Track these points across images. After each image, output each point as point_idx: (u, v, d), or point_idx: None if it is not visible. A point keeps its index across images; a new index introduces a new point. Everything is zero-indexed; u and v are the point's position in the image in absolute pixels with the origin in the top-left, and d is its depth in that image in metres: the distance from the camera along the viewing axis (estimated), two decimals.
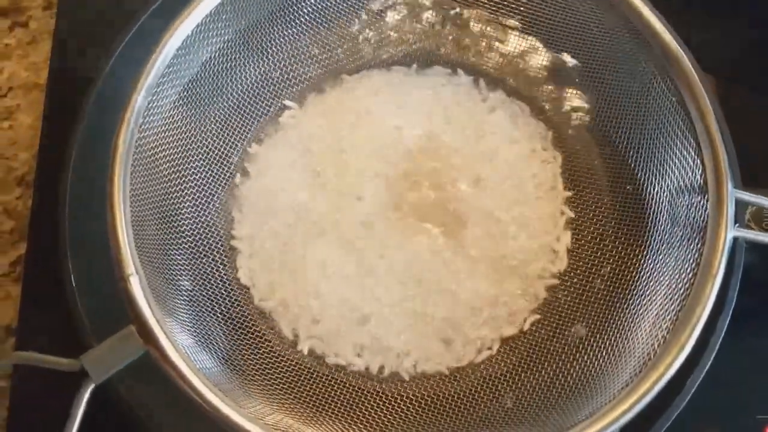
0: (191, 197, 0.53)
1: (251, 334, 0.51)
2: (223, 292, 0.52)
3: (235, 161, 0.56)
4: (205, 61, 0.53)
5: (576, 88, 0.58)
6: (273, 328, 0.52)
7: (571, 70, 0.57)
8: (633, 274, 0.50)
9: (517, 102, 0.58)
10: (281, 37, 0.57)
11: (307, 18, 0.57)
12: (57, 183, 0.52)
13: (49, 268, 0.50)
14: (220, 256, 0.53)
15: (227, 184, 0.55)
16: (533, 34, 0.58)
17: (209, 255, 0.53)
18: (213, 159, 0.55)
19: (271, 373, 0.49)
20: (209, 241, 0.53)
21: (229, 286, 0.52)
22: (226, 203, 0.55)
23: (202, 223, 0.53)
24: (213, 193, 0.54)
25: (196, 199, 0.53)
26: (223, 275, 0.53)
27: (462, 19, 0.60)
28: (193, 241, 0.52)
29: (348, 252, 0.53)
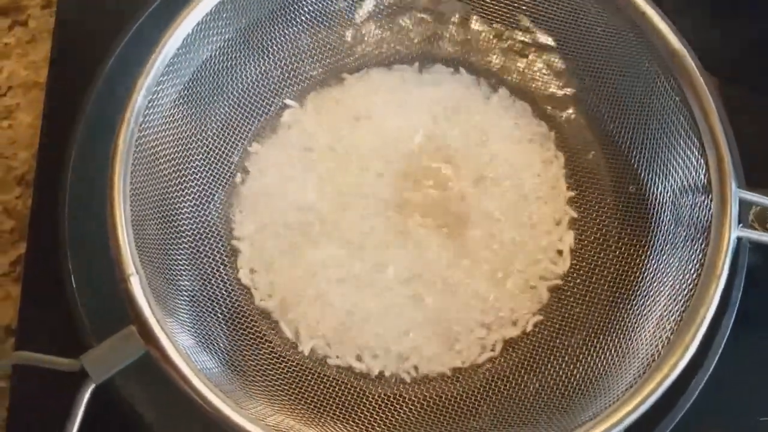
0: (192, 197, 0.53)
1: (252, 335, 0.51)
2: (223, 293, 0.52)
3: (236, 160, 0.56)
4: (205, 60, 0.53)
5: (579, 87, 0.57)
6: (274, 329, 0.52)
7: (574, 69, 0.57)
8: (636, 274, 0.50)
9: (520, 101, 0.58)
10: (282, 36, 0.57)
11: (307, 17, 0.57)
12: (57, 182, 0.51)
13: (49, 267, 0.50)
14: (221, 256, 0.53)
15: (228, 183, 0.55)
16: (536, 33, 0.58)
17: (210, 255, 0.53)
18: (213, 158, 0.55)
19: (272, 374, 0.49)
20: (210, 240, 0.53)
21: (229, 287, 0.52)
22: (227, 203, 0.55)
23: (202, 223, 0.53)
24: (213, 193, 0.54)
25: (196, 198, 0.53)
26: (223, 275, 0.52)
27: (464, 18, 0.59)
28: (194, 240, 0.52)
29: (349, 252, 0.53)
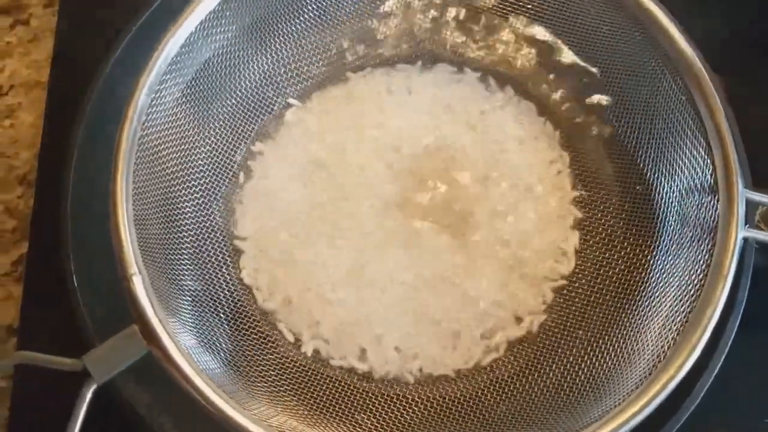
0: (194, 196, 0.52)
1: (255, 335, 0.51)
2: (226, 293, 0.52)
3: (239, 159, 0.56)
4: (208, 59, 0.52)
5: (584, 87, 0.57)
6: (276, 329, 0.51)
7: (580, 69, 0.57)
8: (642, 275, 0.50)
9: (524, 101, 0.58)
10: (285, 35, 0.57)
11: (311, 15, 0.57)
12: (58, 182, 0.51)
13: (51, 267, 0.50)
14: (224, 256, 0.53)
15: (230, 182, 0.55)
16: (541, 32, 0.58)
17: (212, 255, 0.52)
18: (216, 157, 0.55)
19: (275, 375, 0.49)
20: (212, 240, 0.53)
21: (232, 287, 0.52)
22: (230, 202, 0.55)
23: (205, 223, 0.53)
24: (216, 192, 0.54)
25: (199, 197, 0.53)
26: (226, 275, 0.52)
27: (468, 16, 0.59)
28: (196, 240, 0.52)
29: (352, 252, 0.53)
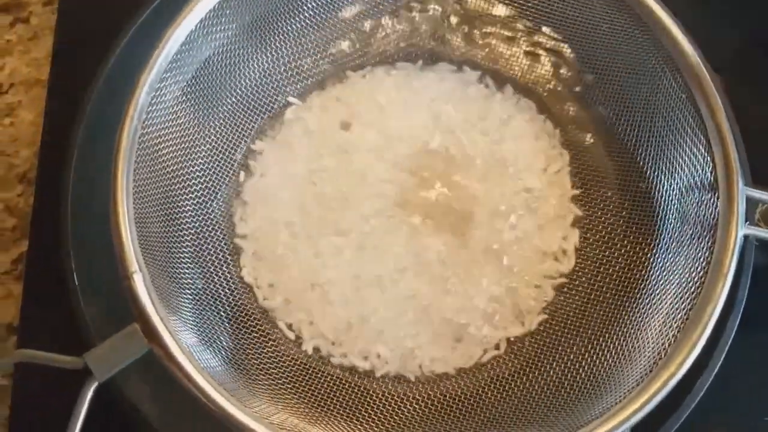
0: (195, 194, 0.52)
1: (255, 333, 0.51)
2: (227, 291, 0.52)
3: (239, 158, 0.56)
4: (208, 57, 0.52)
5: (584, 85, 0.57)
6: (277, 328, 0.51)
7: (580, 67, 0.57)
8: (642, 272, 0.50)
9: (525, 99, 0.58)
10: (285, 33, 0.57)
11: (311, 13, 0.57)
12: (58, 180, 0.51)
13: (51, 265, 0.50)
14: (224, 254, 0.53)
15: (231, 181, 0.55)
16: (542, 31, 0.58)
17: (213, 253, 0.52)
18: (216, 156, 0.55)
19: (276, 373, 0.49)
20: (213, 239, 0.53)
21: (232, 285, 0.52)
22: (230, 201, 0.55)
23: (205, 221, 0.53)
24: (216, 191, 0.54)
25: (199, 196, 0.53)
26: (226, 274, 0.52)
27: (468, 15, 0.59)
28: (197, 238, 0.52)
29: (353, 250, 0.53)
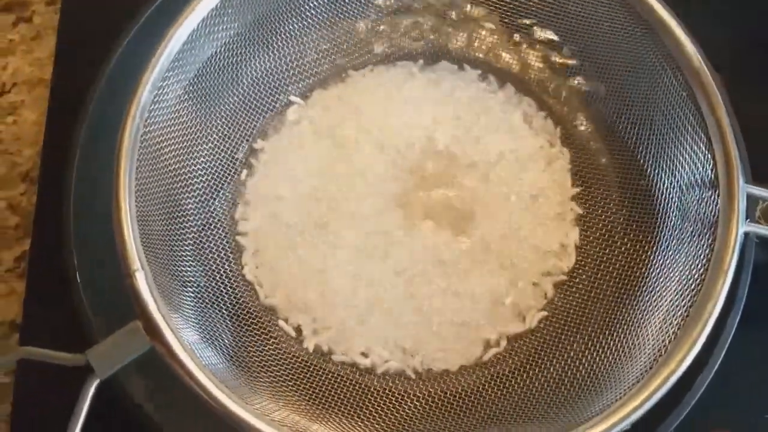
0: (197, 193, 0.53)
1: (257, 331, 0.51)
2: (228, 289, 0.52)
3: (241, 157, 0.56)
4: (210, 56, 0.52)
5: (585, 83, 0.57)
6: (278, 325, 0.51)
7: (580, 65, 0.57)
8: (642, 270, 0.50)
9: (525, 98, 0.58)
10: (287, 32, 0.57)
11: (313, 12, 0.57)
12: (61, 179, 0.51)
13: (54, 264, 0.50)
14: (226, 252, 0.53)
15: (233, 179, 0.55)
16: (542, 29, 0.58)
17: (215, 251, 0.52)
18: (218, 154, 0.55)
19: (277, 370, 0.49)
20: (215, 237, 0.53)
21: (234, 283, 0.52)
22: (232, 199, 0.55)
23: (207, 219, 0.53)
24: (218, 189, 0.54)
25: (201, 194, 0.53)
26: (228, 272, 0.52)
27: (469, 14, 0.59)
28: (199, 236, 0.52)
29: (354, 249, 0.53)
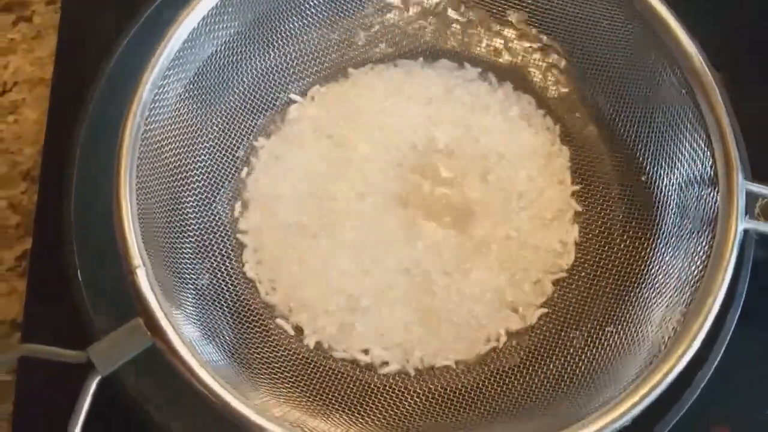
0: (197, 191, 0.53)
1: (258, 328, 0.51)
2: (229, 286, 0.52)
3: (241, 155, 0.56)
4: (211, 55, 0.53)
5: (584, 81, 0.57)
6: (279, 322, 0.51)
7: (580, 63, 0.57)
8: (642, 267, 0.50)
9: (525, 96, 0.58)
10: (287, 30, 0.57)
11: (313, 11, 0.57)
12: (62, 178, 0.51)
13: (55, 262, 0.50)
14: (227, 249, 0.53)
15: (233, 177, 0.55)
16: (541, 27, 0.58)
17: (215, 248, 0.53)
18: (219, 153, 0.55)
19: (278, 367, 0.49)
20: (215, 234, 0.53)
21: (235, 280, 0.52)
22: (232, 197, 0.55)
23: (208, 217, 0.53)
24: (219, 187, 0.54)
25: (202, 192, 0.53)
26: (229, 269, 0.52)
27: (468, 12, 0.59)
28: (200, 234, 0.52)
29: (354, 246, 0.53)
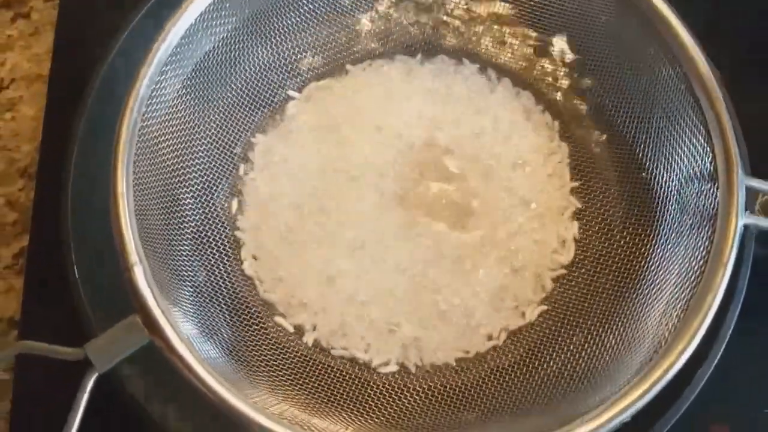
0: (195, 187, 0.53)
1: (256, 325, 0.51)
2: (227, 283, 0.52)
3: (239, 151, 0.56)
4: (208, 51, 0.52)
5: (583, 76, 0.57)
6: (277, 320, 0.51)
7: (579, 59, 0.57)
8: (642, 263, 0.50)
9: (524, 92, 0.58)
10: (285, 27, 0.57)
11: (311, 7, 0.57)
12: (59, 175, 0.51)
13: (52, 260, 0.50)
14: (224, 246, 0.53)
15: (231, 174, 0.55)
16: (540, 23, 0.58)
17: (213, 245, 0.52)
18: (216, 149, 0.55)
19: (276, 364, 0.49)
20: (213, 231, 0.53)
21: (233, 277, 0.52)
22: (230, 193, 0.55)
23: (205, 214, 0.53)
24: (217, 184, 0.54)
25: (199, 189, 0.53)
26: (227, 266, 0.52)
27: (467, 8, 0.59)
28: (197, 231, 0.52)
29: (353, 244, 0.53)
